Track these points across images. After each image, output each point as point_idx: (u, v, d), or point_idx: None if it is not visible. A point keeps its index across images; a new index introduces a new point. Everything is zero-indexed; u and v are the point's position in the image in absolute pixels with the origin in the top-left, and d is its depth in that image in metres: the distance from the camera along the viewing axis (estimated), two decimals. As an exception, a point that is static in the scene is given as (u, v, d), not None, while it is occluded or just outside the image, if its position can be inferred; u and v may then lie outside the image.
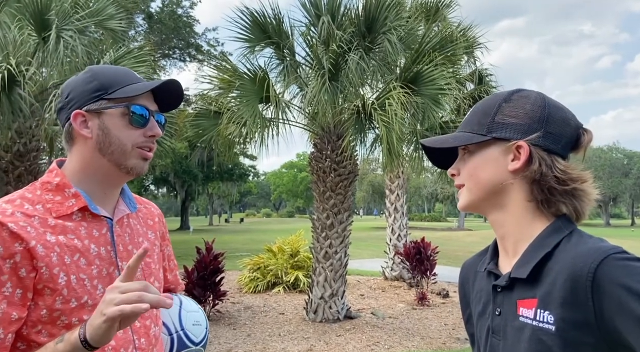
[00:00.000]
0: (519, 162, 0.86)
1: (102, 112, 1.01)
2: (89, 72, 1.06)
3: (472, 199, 0.92)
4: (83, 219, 1.00)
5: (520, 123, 0.87)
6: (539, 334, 0.78)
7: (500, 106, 0.89)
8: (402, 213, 10.68)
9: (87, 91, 1.02)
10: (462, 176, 0.93)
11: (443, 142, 0.93)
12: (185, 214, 38.41)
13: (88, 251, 0.98)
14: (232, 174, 34.71)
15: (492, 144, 0.88)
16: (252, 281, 9.01)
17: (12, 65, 5.07)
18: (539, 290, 0.80)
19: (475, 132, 0.90)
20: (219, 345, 5.61)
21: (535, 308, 0.80)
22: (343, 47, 6.06)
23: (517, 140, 0.86)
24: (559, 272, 0.78)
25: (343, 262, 6.82)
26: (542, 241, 0.84)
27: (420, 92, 6.05)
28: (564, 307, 0.76)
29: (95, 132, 1.01)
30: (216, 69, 6.67)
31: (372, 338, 6.00)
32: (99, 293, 0.97)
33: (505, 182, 0.87)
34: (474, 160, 0.90)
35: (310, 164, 7.03)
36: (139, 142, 1.03)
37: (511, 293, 0.86)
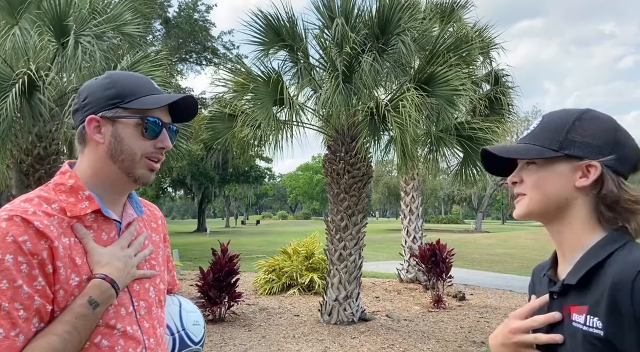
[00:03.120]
0: (588, 180, 0.90)
1: (116, 120, 1.03)
2: (109, 78, 1.07)
3: (532, 209, 0.96)
4: (95, 221, 1.02)
5: (594, 143, 0.91)
6: (590, 338, 0.84)
7: (574, 124, 0.93)
8: (417, 215, 10.60)
9: (104, 98, 1.04)
10: (526, 185, 0.96)
11: (515, 152, 0.96)
12: (202, 216, 38.77)
13: None
14: (248, 176, 34.94)
15: (562, 160, 0.92)
16: (267, 282, 9.05)
17: (32, 71, 5.20)
18: (590, 297, 0.86)
19: (547, 147, 0.93)
20: (234, 346, 5.64)
21: (586, 314, 0.86)
22: (356, 49, 6.05)
23: (591, 160, 0.90)
24: (607, 281, 0.84)
25: (357, 264, 6.80)
26: (597, 251, 0.89)
27: (435, 93, 6.01)
28: (611, 315, 0.82)
29: (108, 139, 1.03)
30: (230, 72, 6.73)
31: (386, 341, 5.96)
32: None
33: (570, 197, 0.92)
34: (542, 173, 0.94)
35: (324, 166, 7.03)
36: (148, 152, 1.05)
37: (565, 299, 0.92)
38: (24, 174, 6.03)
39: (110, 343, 0.98)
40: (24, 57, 5.62)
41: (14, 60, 5.77)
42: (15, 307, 0.86)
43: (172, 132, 1.10)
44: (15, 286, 0.87)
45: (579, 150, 0.91)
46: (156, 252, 1.15)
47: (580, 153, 0.91)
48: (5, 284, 0.86)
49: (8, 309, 0.86)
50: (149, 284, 1.09)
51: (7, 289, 0.86)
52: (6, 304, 0.86)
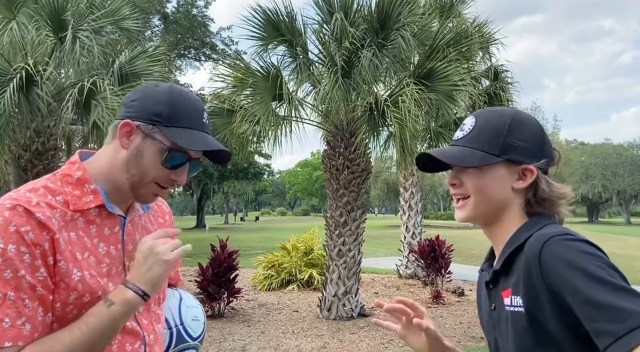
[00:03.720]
0: (525, 182, 0.95)
1: (148, 136, 1.01)
2: (166, 94, 1.03)
3: (476, 213, 0.99)
4: (98, 215, 1.01)
5: (528, 147, 0.95)
6: (516, 318, 0.89)
7: (510, 127, 0.96)
8: (416, 211, 10.61)
9: (150, 111, 1.01)
10: (468, 188, 0.98)
11: (461, 159, 0.97)
12: (201, 212, 38.76)
13: (97, 249, 0.99)
14: (247, 172, 34.90)
15: (502, 164, 0.95)
16: (267, 278, 9.05)
17: (30, 66, 5.17)
18: (512, 278, 0.92)
19: (488, 152, 0.95)
20: (233, 342, 5.64)
21: (511, 295, 0.91)
22: (356, 44, 6.03)
23: (528, 164, 0.95)
24: (522, 259, 0.89)
25: (356, 260, 6.80)
26: (518, 235, 0.94)
27: (434, 88, 5.99)
28: (526, 289, 0.86)
29: (131, 149, 1.01)
30: (229, 67, 6.71)
31: (386, 336, 5.97)
32: (110, 290, 0.98)
33: (508, 198, 0.97)
34: (483, 177, 0.96)
35: (324, 162, 7.02)
36: (160, 179, 1.03)
37: (497, 287, 0.96)
38: (22, 170, 6.01)
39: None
40: (22, 52, 5.59)
41: (12, 54, 5.75)
42: (21, 296, 0.87)
43: (196, 166, 1.07)
44: (19, 275, 0.87)
45: (517, 155, 0.95)
46: None
47: (520, 158, 0.95)
48: (9, 273, 0.86)
49: (13, 298, 0.86)
50: None
51: (11, 279, 0.86)
52: (12, 293, 0.86)
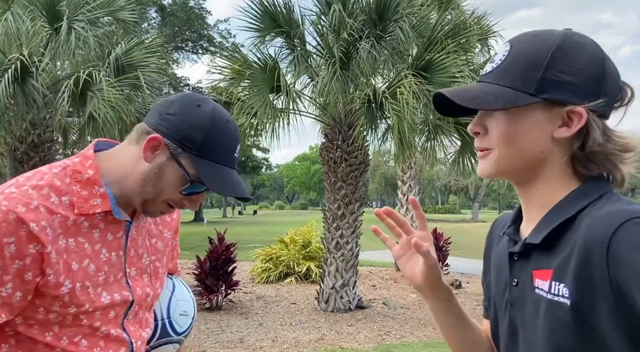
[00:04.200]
0: (571, 130, 0.72)
1: (174, 157, 0.94)
2: (207, 119, 0.95)
3: (502, 168, 0.78)
4: (103, 219, 0.96)
5: (577, 82, 0.71)
6: (555, 308, 0.69)
7: (554, 56, 0.72)
8: (414, 204, 10.60)
9: (185, 133, 0.93)
10: (492, 138, 0.77)
11: (480, 101, 0.75)
12: (199, 206, 38.72)
13: (98, 256, 0.94)
14: (245, 166, 34.90)
15: (538, 106, 0.73)
16: (265, 271, 9.06)
17: (25, 56, 5.13)
18: (555, 260, 0.71)
19: (521, 90, 0.72)
20: (230, 334, 5.65)
21: (550, 280, 0.70)
22: (354, 36, 5.99)
23: (574, 106, 0.71)
24: (576, 240, 0.68)
25: (354, 253, 6.81)
26: (567, 205, 0.73)
27: (432, 80, 5.97)
28: (579, 279, 0.66)
29: (153, 165, 0.95)
30: (227, 59, 6.67)
31: (383, 328, 5.99)
32: (103, 301, 0.94)
33: (546, 151, 0.74)
34: (513, 123, 0.75)
35: (321, 155, 7.00)
36: (172, 201, 0.98)
37: (528, 262, 0.76)
38: (18, 162, 5.98)
39: (90, 344, 0.94)
40: (17, 43, 5.54)
41: (7, 45, 5.69)
42: None
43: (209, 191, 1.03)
44: None
45: (560, 93, 0.71)
46: (163, 250, 1.10)
47: (562, 97, 0.71)
48: None
49: None
50: (149, 289, 1.04)
51: None
52: None
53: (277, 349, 5.17)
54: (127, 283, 0.99)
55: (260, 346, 5.25)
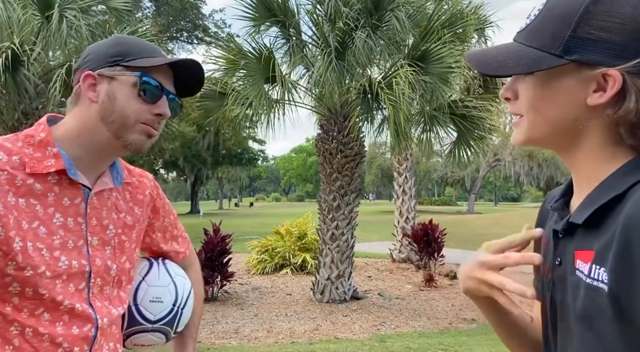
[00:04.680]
0: (605, 95, 0.64)
1: (113, 77, 0.96)
2: (114, 38, 1.03)
3: (533, 136, 0.72)
4: (58, 183, 0.93)
5: (614, 40, 0.62)
6: (593, 294, 0.63)
7: (587, 11, 0.63)
8: (410, 195, 10.62)
9: (105, 54, 0.98)
10: (522, 104, 0.71)
11: (499, 66, 0.69)
12: (195, 198, 38.71)
13: (50, 219, 0.92)
14: (241, 158, 34.80)
15: (569, 69, 0.65)
16: (260, 262, 9.07)
17: (16, 45, 5.05)
18: (599, 241, 0.64)
19: (547, 51, 0.66)
20: (226, 324, 5.66)
21: (591, 263, 0.64)
22: (350, 25, 5.94)
23: (608, 68, 0.63)
24: (621, 220, 0.61)
25: (350, 244, 6.81)
26: (613, 183, 0.65)
27: (428, 70, 5.93)
28: (618, 264, 0.60)
29: (102, 98, 0.96)
30: (221, 48, 6.60)
31: (378, 318, 6.01)
32: (60, 265, 0.91)
33: (580, 119, 0.67)
34: (541, 89, 0.68)
35: (317, 146, 6.98)
36: (143, 118, 0.97)
37: (572, 240, 0.70)
38: (10, 153, 5.92)
39: (53, 318, 0.91)
40: (7, 31, 5.46)
41: (-3, 34, 5.61)
42: None
43: (174, 103, 1.03)
44: None
45: (592, 53, 0.63)
46: (132, 226, 1.06)
47: (595, 58, 0.63)
48: None
49: None
50: (111, 262, 1.00)
51: None
52: None
53: (272, 339, 5.18)
54: (87, 252, 0.95)
55: (256, 336, 5.26)
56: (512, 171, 35.18)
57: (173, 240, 1.23)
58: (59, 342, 0.91)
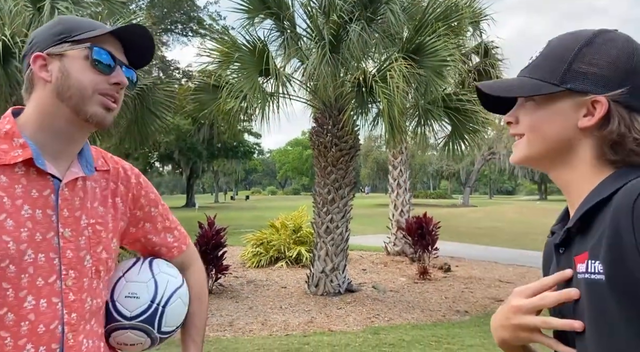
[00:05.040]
0: (593, 119, 0.75)
1: (63, 54, 0.96)
2: (57, 18, 1.03)
3: (530, 154, 0.82)
4: (25, 174, 0.91)
5: (602, 74, 0.75)
6: (593, 287, 0.69)
7: (581, 51, 0.76)
8: (405, 189, 10.65)
9: (50, 35, 0.98)
10: (522, 126, 0.82)
11: (507, 89, 0.82)
12: (191, 191, 38.64)
13: (18, 212, 0.89)
14: (237, 151, 34.74)
15: (563, 96, 0.77)
16: (255, 256, 9.09)
17: (8, 37, 5.00)
18: (591, 240, 0.72)
19: (547, 81, 0.78)
20: (220, 317, 5.68)
21: (587, 260, 0.71)
22: (344, 18, 5.92)
23: (596, 95, 0.74)
24: (608, 215, 0.69)
25: (344, 237, 6.83)
26: (601, 189, 0.74)
27: (423, 64, 5.92)
28: (610, 252, 0.67)
29: (55, 75, 0.95)
30: (215, 41, 6.56)
31: (372, 311, 6.05)
32: (25, 259, 0.88)
33: (573, 140, 0.78)
34: (540, 112, 0.80)
35: (312, 139, 6.97)
36: (101, 88, 0.96)
37: (571, 251, 0.77)
38: (2, 146, 5.87)
39: (17, 317, 0.87)
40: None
41: (-12, 26, 5.54)
42: None
43: (130, 74, 1.03)
44: None
45: (583, 84, 0.75)
46: (105, 215, 1.04)
47: (585, 87, 0.75)
48: None
49: None
50: (85, 252, 0.97)
51: None
52: None
53: (267, 332, 5.21)
54: (57, 244, 0.93)
55: (250, 329, 5.29)
56: (507, 164, 35.28)
57: (165, 231, 1.18)
58: (21, 345, 0.87)
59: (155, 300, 1.06)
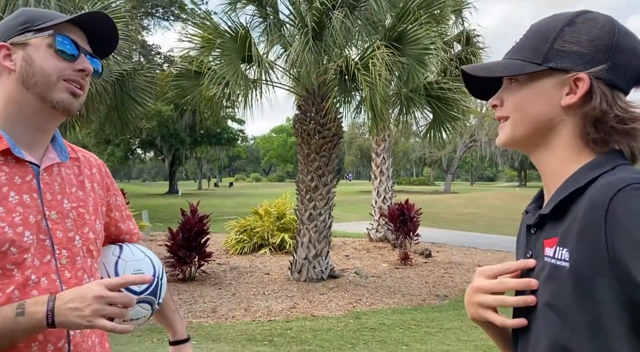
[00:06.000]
0: (575, 96, 0.75)
1: (27, 43, 0.98)
2: (19, 10, 1.05)
3: (514, 135, 0.83)
4: (5, 163, 0.95)
5: (583, 52, 0.76)
6: (555, 271, 0.72)
7: (562, 30, 0.77)
8: (387, 176, 10.76)
9: (13, 25, 1.00)
10: (506, 107, 0.83)
11: (489, 70, 0.83)
12: (174, 178, 38.28)
13: (6, 198, 0.93)
14: (220, 138, 34.43)
15: (546, 75, 0.78)
16: (239, 242, 9.11)
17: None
18: (563, 227, 0.74)
19: (529, 61, 0.78)
20: (204, 303, 5.72)
21: (556, 246, 0.73)
22: (327, 5, 5.89)
23: (577, 72, 0.75)
24: (582, 206, 0.71)
25: (327, 224, 6.90)
26: (577, 177, 0.76)
27: (405, 52, 5.95)
28: (579, 243, 0.69)
29: (19, 64, 0.97)
30: (197, 26, 6.46)
31: (354, 296, 6.16)
32: (25, 240, 0.93)
33: (556, 119, 0.78)
34: (523, 92, 0.80)
35: (295, 127, 6.97)
36: (66, 74, 0.98)
37: (542, 233, 0.79)
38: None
39: (22, 295, 0.92)
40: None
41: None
42: None
43: (94, 64, 1.05)
44: None
45: (565, 62, 0.76)
46: (86, 199, 1.09)
47: (567, 65, 0.76)
48: None
49: None
50: (74, 233, 1.02)
51: None
52: None
53: (250, 317, 5.27)
54: (46, 226, 0.97)
55: (233, 315, 5.35)
56: (487, 152, 35.76)
57: (129, 220, 1.27)
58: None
59: (155, 274, 1.14)
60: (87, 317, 0.88)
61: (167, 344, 1.37)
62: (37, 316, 0.88)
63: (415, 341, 4.49)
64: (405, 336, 4.61)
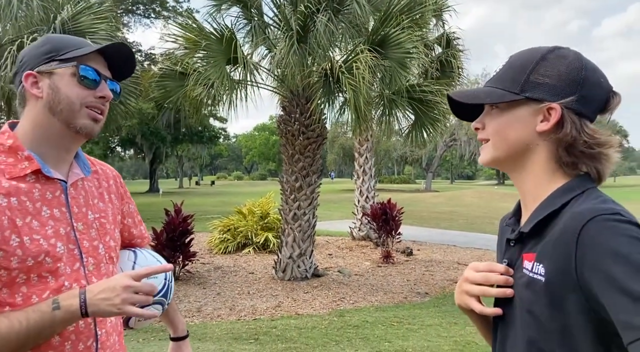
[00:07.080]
0: (548, 124, 0.86)
1: (52, 72, 1.06)
2: (44, 38, 1.12)
3: (495, 156, 0.94)
4: (37, 181, 1.03)
5: (555, 85, 0.87)
6: (532, 284, 0.83)
7: (538, 64, 0.89)
8: (370, 175, 10.91)
9: (39, 53, 1.07)
10: (488, 131, 0.94)
11: (474, 97, 0.94)
12: (154, 176, 37.83)
13: (39, 213, 1.02)
14: (202, 136, 34.17)
15: (523, 104, 0.89)
16: (223, 242, 9.14)
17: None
18: (540, 245, 0.85)
19: (508, 90, 0.90)
20: (188, 303, 5.76)
21: (534, 261, 0.85)
22: (311, 8, 5.97)
23: (550, 102, 0.86)
24: (557, 229, 0.82)
25: (311, 224, 7.00)
26: (553, 200, 0.87)
27: (388, 55, 6.08)
28: (553, 262, 0.80)
29: (46, 92, 1.05)
30: (181, 27, 6.48)
31: (337, 294, 6.28)
32: (58, 250, 1.02)
33: (532, 143, 0.89)
34: (503, 118, 0.91)
35: (279, 127, 7.05)
36: (88, 102, 1.07)
37: (521, 247, 0.90)
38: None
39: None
40: (-49, 4, 5.16)
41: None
42: None
43: (115, 93, 1.14)
44: None
45: (539, 93, 0.87)
46: (106, 210, 1.18)
47: (541, 95, 0.87)
48: None
49: None
50: (97, 242, 1.12)
51: None
52: None
53: (235, 317, 5.34)
54: (74, 236, 1.07)
55: (218, 314, 5.40)
56: (467, 150, 36.33)
57: (140, 225, 1.37)
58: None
59: (167, 277, 1.25)
60: (117, 305, 0.97)
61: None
62: (72, 308, 0.97)
63: (397, 337, 4.63)
64: (387, 333, 4.75)
